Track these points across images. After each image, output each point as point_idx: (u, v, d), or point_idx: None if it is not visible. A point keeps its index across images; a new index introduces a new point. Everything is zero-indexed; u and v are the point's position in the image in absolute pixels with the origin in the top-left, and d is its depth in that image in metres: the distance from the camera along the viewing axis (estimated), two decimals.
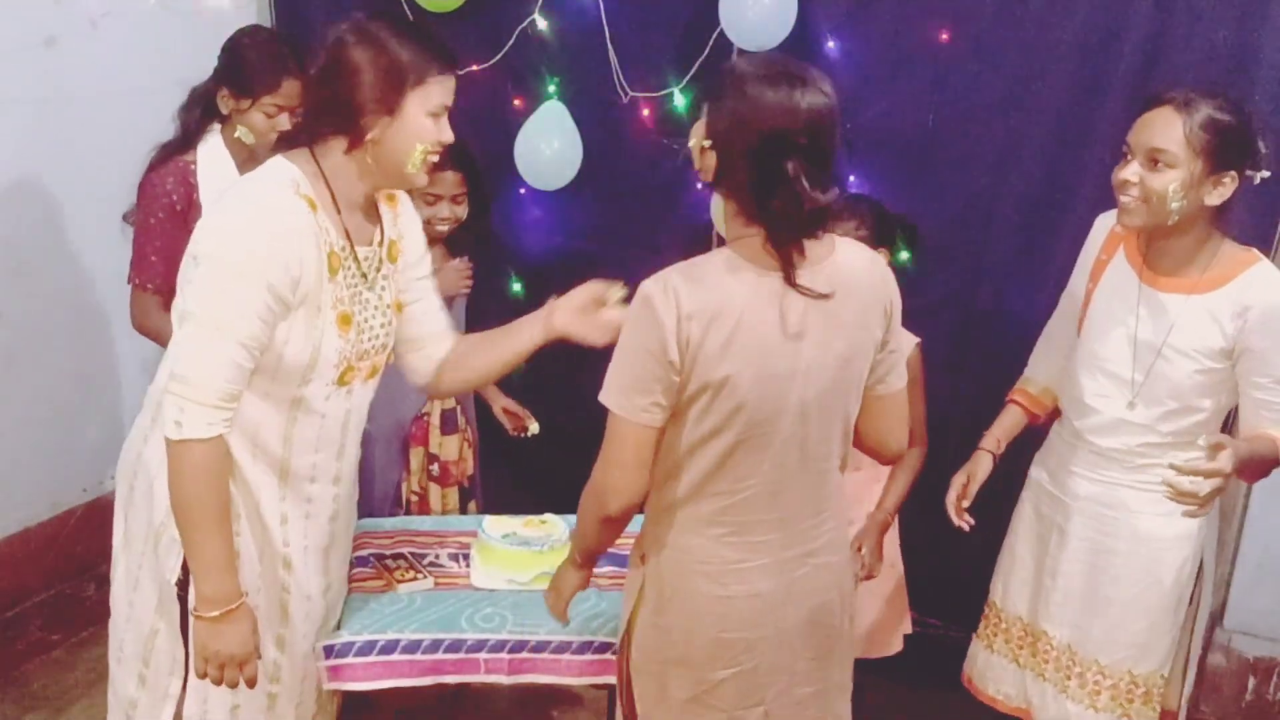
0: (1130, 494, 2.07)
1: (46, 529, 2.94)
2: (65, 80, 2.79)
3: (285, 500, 1.82)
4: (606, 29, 2.94)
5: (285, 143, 1.81)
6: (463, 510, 2.78)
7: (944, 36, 2.69)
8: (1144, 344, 2.00)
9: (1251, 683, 2.90)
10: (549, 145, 2.95)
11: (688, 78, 2.92)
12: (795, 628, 1.71)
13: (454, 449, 2.75)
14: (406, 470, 2.70)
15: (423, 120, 1.71)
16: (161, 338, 2.25)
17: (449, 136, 1.76)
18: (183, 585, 1.78)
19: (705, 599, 1.66)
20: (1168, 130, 1.86)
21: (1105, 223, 2.13)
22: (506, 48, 3.05)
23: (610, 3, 2.93)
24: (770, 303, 1.56)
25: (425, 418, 2.70)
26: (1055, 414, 2.25)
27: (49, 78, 2.77)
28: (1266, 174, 1.91)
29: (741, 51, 2.83)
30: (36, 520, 2.94)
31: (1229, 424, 2.11)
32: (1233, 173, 1.87)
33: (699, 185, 3.01)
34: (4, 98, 2.68)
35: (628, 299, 1.79)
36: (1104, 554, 2.10)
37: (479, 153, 3.07)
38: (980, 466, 2.25)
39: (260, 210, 1.68)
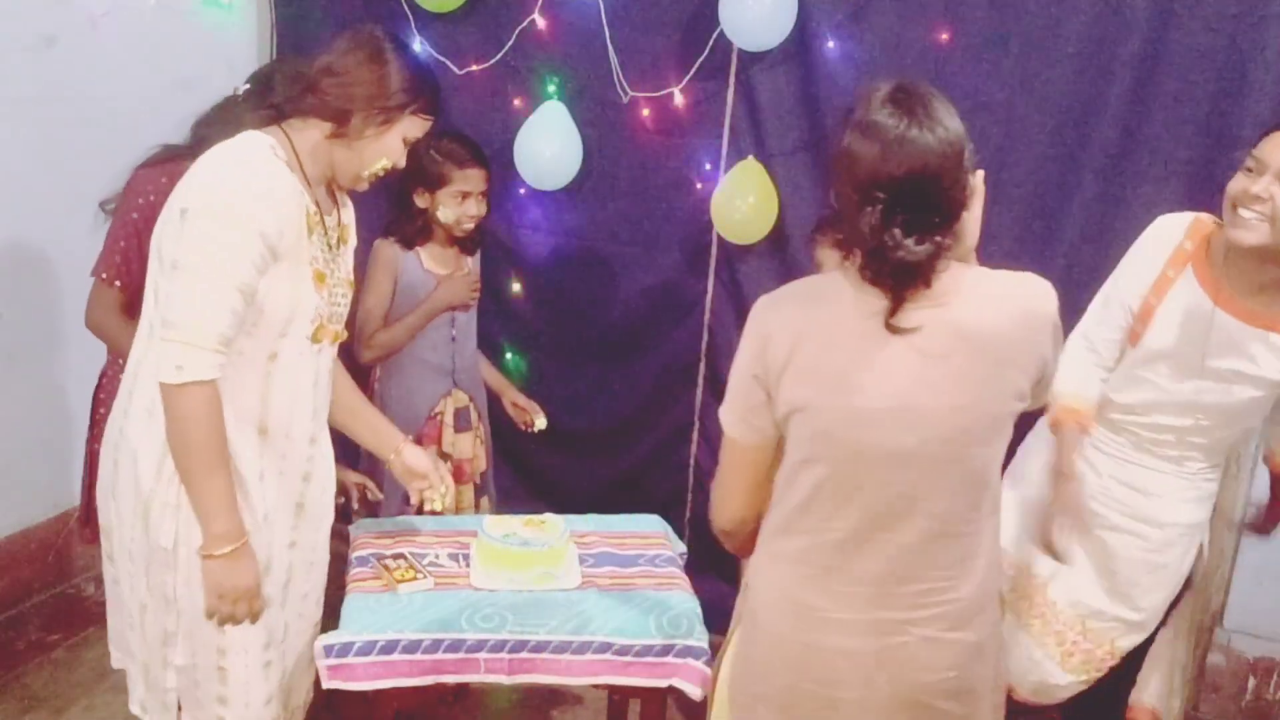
0: (1155, 477, 2.11)
1: (46, 529, 2.94)
2: (65, 80, 2.79)
3: (263, 458, 1.88)
4: (606, 29, 2.94)
5: (264, 116, 1.88)
6: (476, 507, 2.80)
7: (944, 36, 2.69)
8: (1214, 371, 1.97)
9: (1251, 683, 2.90)
10: (549, 145, 2.95)
11: (688, 78, 2.92)
12: (889, 701, 1.58)
13: (467, 446, 2.76)
14: None
15: (398, 142, 1.88)
16: (112, 337, 2.27)
17: (403, 164, 1.93)
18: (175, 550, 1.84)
19: (785, 642, 1.60)
20: None
21: (1169, 234, 2.04)
22: (506, 48, 3.05)
23: (610, 3, 2.93)
24: (868, 336, 1.47)
25: (438, 417, 2.71)
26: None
27: (49, 78, 2.77)
28: None
29: (742, 52, 2.84)
30: (36, 520, 2.93)
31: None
32: None
33: (698, 185, 3.01)
34: (4, 98, 2.68)
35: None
36: (1116, 532, 2.12)
37: None
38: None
39: (247, 165, 1.77)
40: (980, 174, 1.53)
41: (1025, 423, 2.29)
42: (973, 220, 1.56)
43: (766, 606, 1.62)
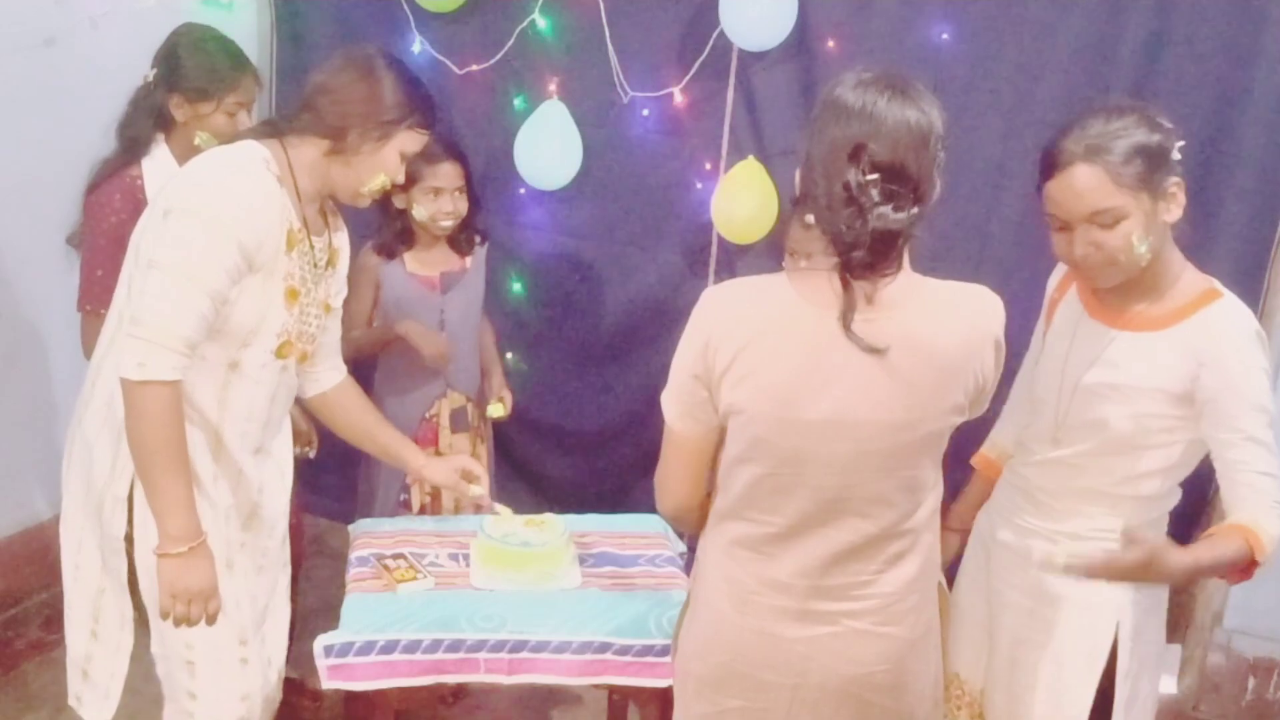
0: (1041, 544, 1.86)
1: (46, 529, 2.93)
2: (65, 80, 2.79)
3: (217, 462, 1.89)
4: (606, 29, 2.94)
5: (262, 130, 1.89)
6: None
7: (944, 36, 2.69)
8: (1070, 376, 1.82)
9: (1251, 683, 2.90)
10: (549, 145, 2.95)
11: (688, 78, 2.92)
12: (819, 690, 1.59)
13: (466, 446, 2.73)
14: None
15: (395, 157, 1.89)
16: None
17: (401, 179, 1.95)
18: (130, 540, 1.85)
19: (723, 622, 1.62)
20: (1097, 188, 1.66)
21: (1061, 267, 1.95)
22: (506, 48, 3.05)
23: (610, 3, 2.93)
24: (813, 344, 1.47)
25: (433, 419, 2.70)
26: None
27: (49, 78, 2.77)
28: (1182, 142, 1.72)
29: (742, 52, 2.84)
30: (36, 520, 2.93)
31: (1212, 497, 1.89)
32: (1174, 178, 1.70)
33: (698, 185, 3.01)
34: (4, 98, 2.68)
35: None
36: (1013, 610, 1.93)
37: (479, 153, 3.08)
38: (947, 548, 2.04)
39: (234, 173, 1.79)
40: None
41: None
42: None
43: (709, 587, 1.65)
